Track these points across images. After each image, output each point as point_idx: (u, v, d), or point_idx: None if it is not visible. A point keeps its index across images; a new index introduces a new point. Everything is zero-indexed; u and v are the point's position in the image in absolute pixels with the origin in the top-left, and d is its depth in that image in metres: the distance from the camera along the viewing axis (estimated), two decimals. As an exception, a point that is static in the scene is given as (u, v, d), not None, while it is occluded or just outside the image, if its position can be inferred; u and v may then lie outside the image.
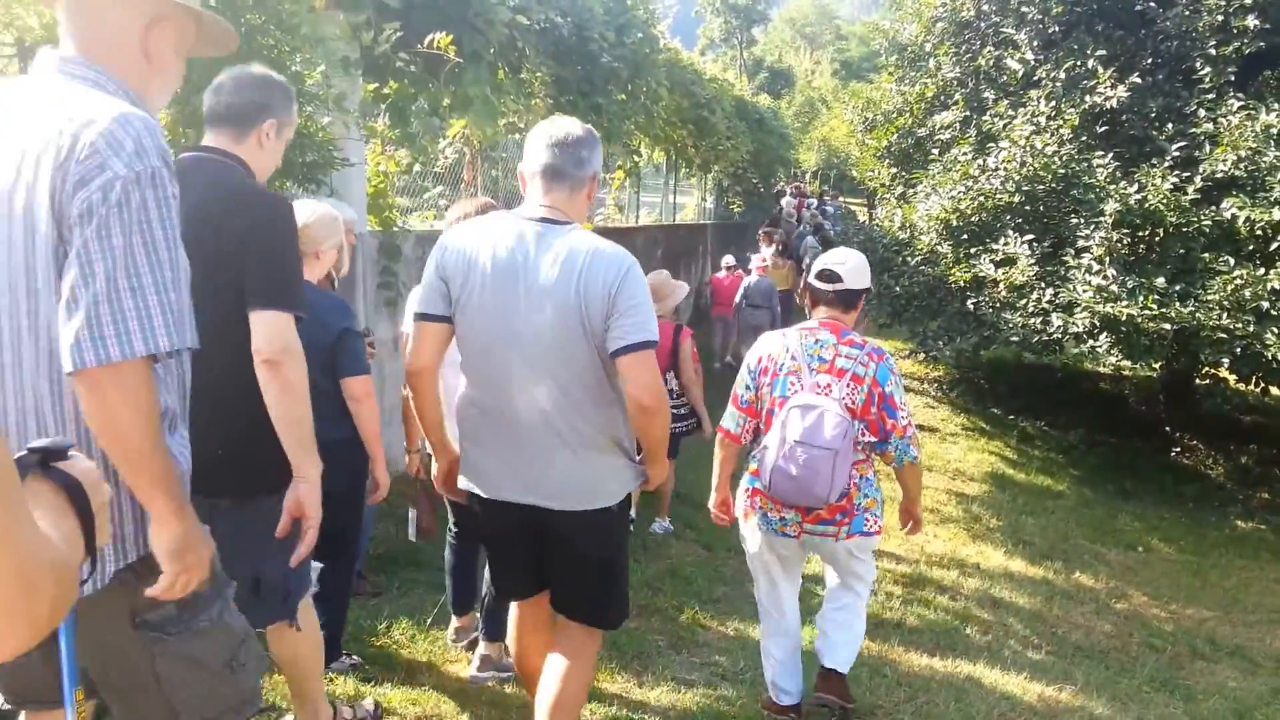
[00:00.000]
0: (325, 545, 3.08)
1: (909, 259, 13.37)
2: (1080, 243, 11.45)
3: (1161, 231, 11.12)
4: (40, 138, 1.84)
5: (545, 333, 2.94)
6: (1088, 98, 12.12)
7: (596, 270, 2.92)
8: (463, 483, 3.28)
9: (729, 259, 15.79)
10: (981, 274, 12.08)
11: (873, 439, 4.08)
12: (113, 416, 1.84)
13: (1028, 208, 12.18)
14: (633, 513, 5.57)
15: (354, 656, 4.47)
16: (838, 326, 4.16)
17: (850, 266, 4.27)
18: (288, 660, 3.38)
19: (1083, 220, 11.50)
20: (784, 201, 27.06)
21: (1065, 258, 11.58)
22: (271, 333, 2.68)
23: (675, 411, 6.32)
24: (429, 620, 5.02)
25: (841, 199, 36.36)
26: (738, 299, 14.42)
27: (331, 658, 4.07)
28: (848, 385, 3.99)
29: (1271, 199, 10.46)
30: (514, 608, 3.51)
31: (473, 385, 3.13)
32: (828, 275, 4.21)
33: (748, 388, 4.18)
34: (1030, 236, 11.89)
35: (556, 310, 2.92)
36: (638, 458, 3.26)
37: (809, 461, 3.82)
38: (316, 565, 3.42)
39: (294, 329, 2.73)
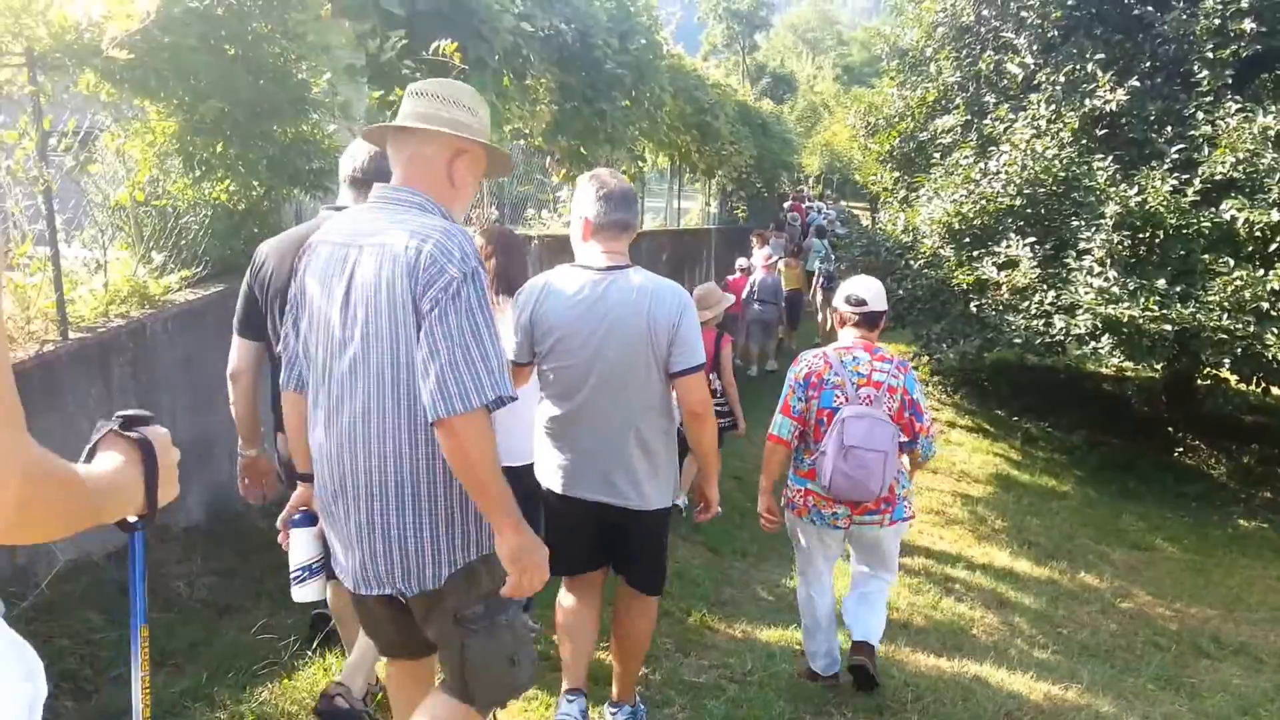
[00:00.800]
0: None
1: (912, 262, 13.41)
2: (1081, 245, 11.50)
3: (1162, 233, 11.16)
4: (393, 251, 2.53)
5: (622, 358, 3.56)
6: (1087, 101, 12.18)
7: (660, 307, 3.55)
8: (544, 481, 3.88)
9: (743, 261, 15.92)
10: (984, 277, 12.13)
11: (905, 439, 4.65)
12: (464, 453, 2.47)
13: (1029, 211, 12.23)
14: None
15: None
16: (869, 345, 4.72)
17: (873, 292, 4.82)
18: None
19: (1084, 223, 11.55)
20: (785, 205, 27.12)
21: (1067, 260, 11.63)
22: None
23: (717, 409, 6.54)
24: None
25: (844, 203, 36.45)
26: (745, 295, 14.46)
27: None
28: (885, 395, 4.58)
29: (1270, 200, 10.51)
30: (565, 583, 4.04)
31: (559, 404, 3.70)
32: (855, 300, 4.76)
33: (799, 399, 4.66)
34: (1032, 239, 11.94)
35: (629, 340, 3.54)
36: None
37: (864, 463, 4.43)
38: None
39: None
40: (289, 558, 3.15)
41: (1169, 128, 11.91)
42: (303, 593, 3.17)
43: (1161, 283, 10.70)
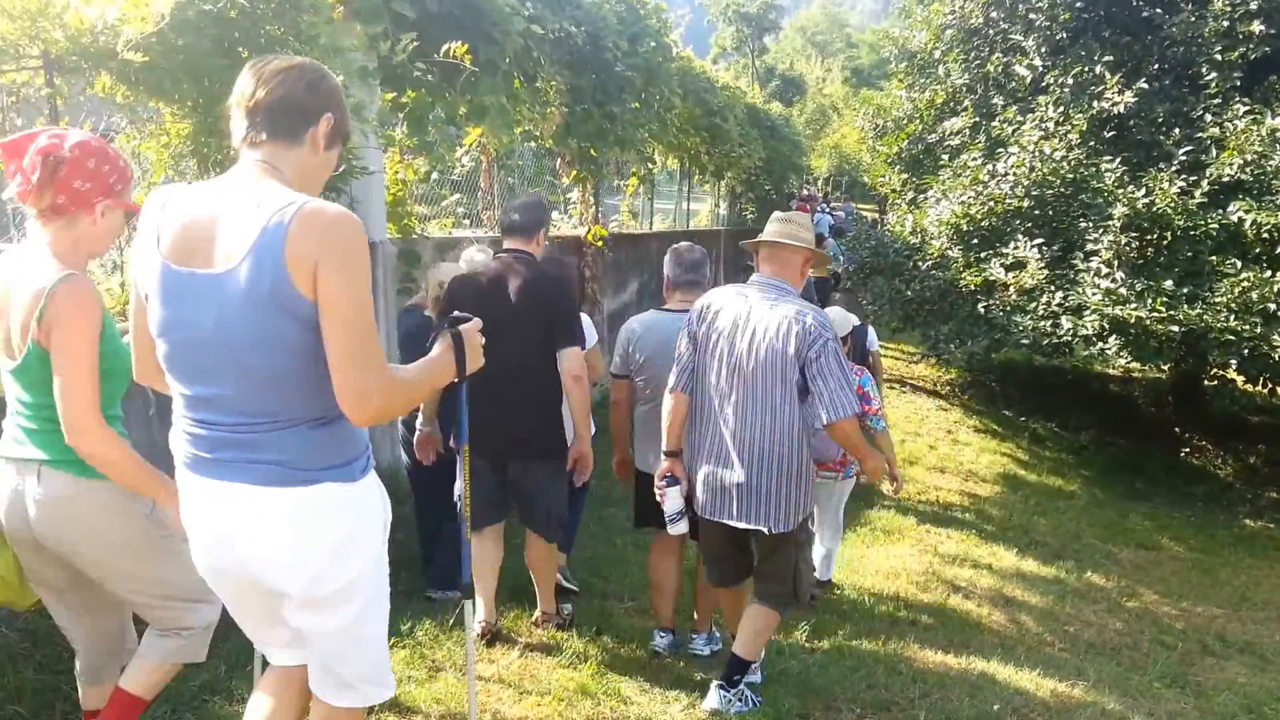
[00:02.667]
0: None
1: (920, 264, 13.43)
2: (1089, 246, 11.52)
3: (1169, 235, 11.18)
4: (787, 319, 4.13)
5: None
6: (1095, 103, 12.20)
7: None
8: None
9: None
10: (992, 278, 12.16)
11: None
12: (847, 436, 4.16)
13: (1037, 212, 12.26)
14: None
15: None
16: None
17: (837, 322, 6.21)
18: (537, 561, 5.08)
19: (1091, 224, 11.57)
20: (792, 206, 27.18)
21: (1074, 261, 11.65)
22: (573, 359, 4.59)
23: None
24: (450, 621, 5.08)
25: (853, 204, 36.55)
26: None
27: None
28: None
29: (1278, 202, 10.52)
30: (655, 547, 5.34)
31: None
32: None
33: None
34: (1040, 240, 11.96)
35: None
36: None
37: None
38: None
39: (581, 356, 4.66)
40: (665, 506, 4.51)
41: (1177, 129, 11.92)
42: (677, 529, 4.57)
43: (1169, 284, 10.71)
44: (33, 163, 2.66)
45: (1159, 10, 12.38)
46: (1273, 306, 10.11)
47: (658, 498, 4.54)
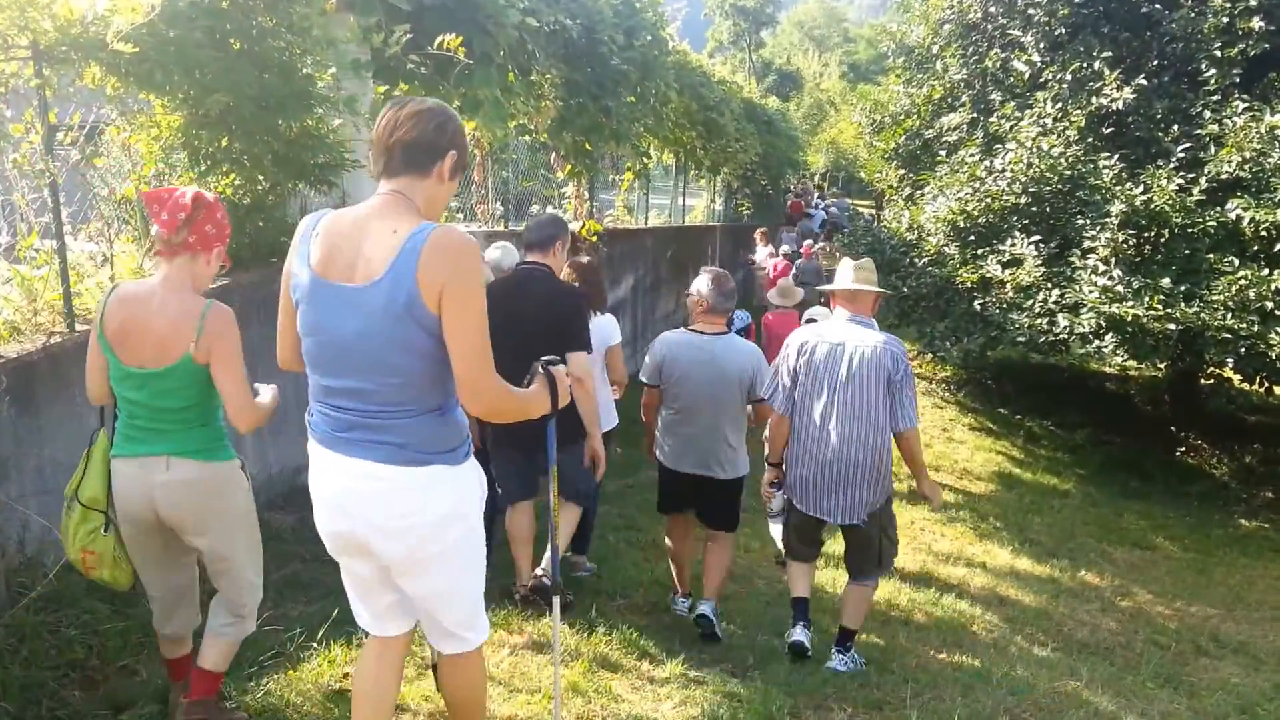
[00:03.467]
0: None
1: (916, 260, 13.41)
2: (1086, 244, 11.50)
3: (1167, 232, 11.16)
4: (875, 348, 5.13)
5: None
6: (1094, 99, 12.17)
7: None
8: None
9: (786, 247, 16.87)
10: (988, 275, 12.13)
11: None
12: (909, 445, 5.20)
13: (1034, 209, 12.23)
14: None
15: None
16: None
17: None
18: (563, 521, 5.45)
19: (1089, 221, 11.54)
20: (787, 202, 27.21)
21: (1071, 259, 11.62)
22: (576, 364, 4.79)
23: None
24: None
25: (848, 200, 36.64)
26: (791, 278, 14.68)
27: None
28: None
29: (1276, 200, 10.50)
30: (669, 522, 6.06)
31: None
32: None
33: None
34: (1037, 238, 11.94)
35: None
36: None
37: None
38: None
39: (585, 360, 4.99)
40: (771, 505, 5.81)
41: (1175, 126, 11.90)
42: (777, 523, 6.09)
43: (1166, 282, 10.69)
44: (183, 204, 3.29)
45: (1158, 6, 12.35)
46: (1270, 305, 10.09)
47: (763, 498, 5.82)
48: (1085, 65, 12.49)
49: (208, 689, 3.57)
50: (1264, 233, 10.55)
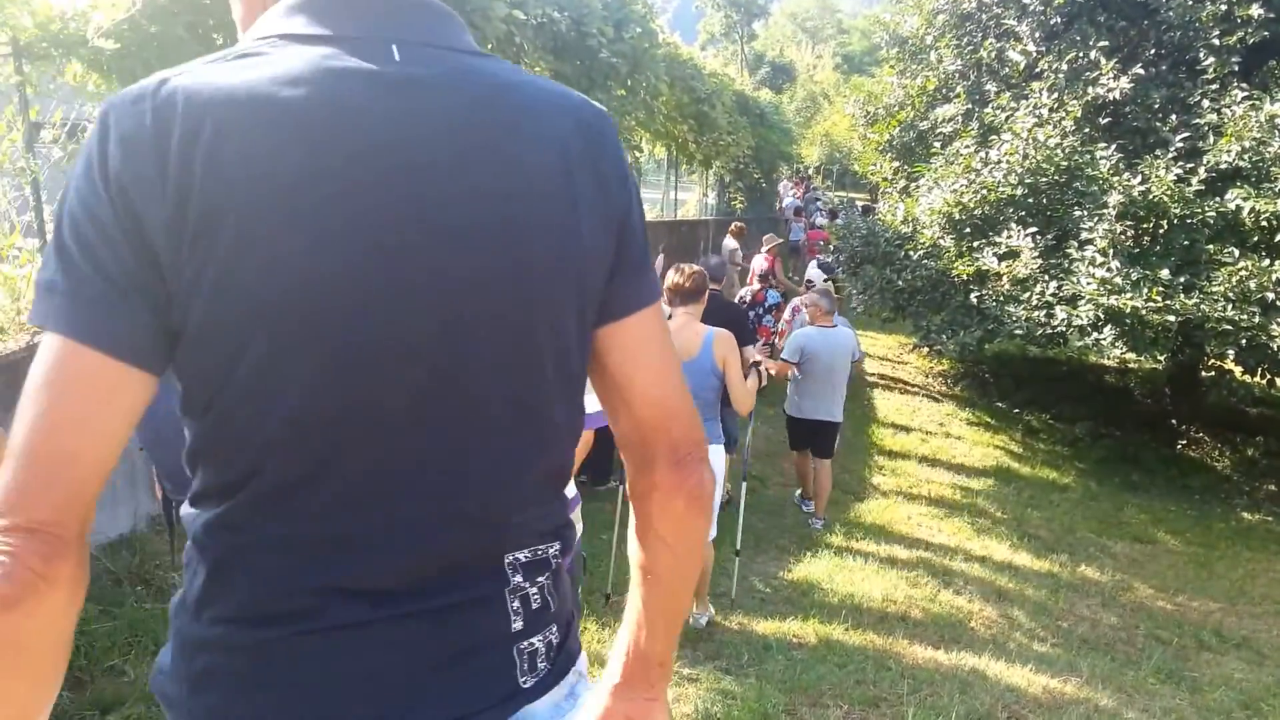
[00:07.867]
0: None
1: (911, 253, 13.33)
2: (1084, 235, 11.43)
3: (1165, 223, 11.09)
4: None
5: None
6: (1090, 89, 12.11)
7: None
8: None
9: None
10: (984, 267, 12.07)
11: None
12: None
13: (1030, 200, 12.15)
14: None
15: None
16: None
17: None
18: None
19: (1086, 212, 11.47)
20: (785, 204, 27.16)
21: (1069, 250, 11.55)
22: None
23: None
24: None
25: (831, 194, 36.61)
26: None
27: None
28: None
29: (1276, 189, 10.44)
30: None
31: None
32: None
33: None
34: (1033, 229, 11.87)
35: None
36: None
37: None
38: None
39: None
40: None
41: (1173, 116, 11.83)
42: None
43: (1165, 273, 10.62)
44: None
45: (1155, -6, 12.28)
46: (1271, 296, 10.03)
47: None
48: (1081, 55, 12.42)
49: None
50: (1264, 223, 10.48)
